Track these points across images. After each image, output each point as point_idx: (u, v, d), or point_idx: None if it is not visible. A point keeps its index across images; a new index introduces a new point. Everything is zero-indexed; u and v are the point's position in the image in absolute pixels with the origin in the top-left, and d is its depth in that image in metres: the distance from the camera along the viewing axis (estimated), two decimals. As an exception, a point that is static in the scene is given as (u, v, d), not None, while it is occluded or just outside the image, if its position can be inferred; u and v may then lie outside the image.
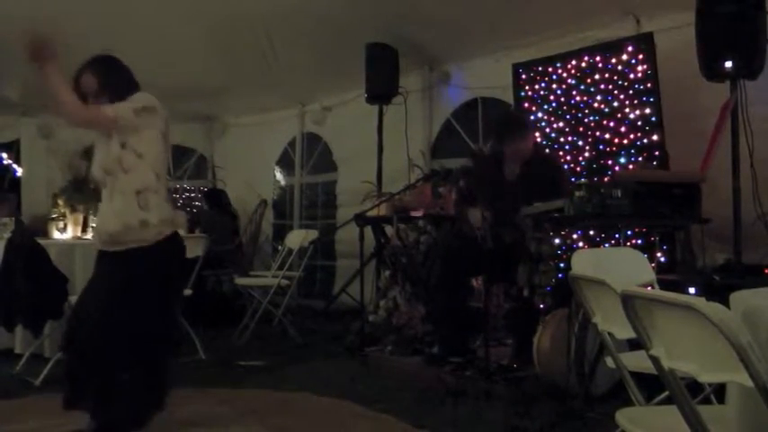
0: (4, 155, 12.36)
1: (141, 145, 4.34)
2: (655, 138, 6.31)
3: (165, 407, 4.50)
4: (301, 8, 8.11)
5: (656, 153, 6.29)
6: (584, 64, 6.89)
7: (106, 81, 4.46)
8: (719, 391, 2.92)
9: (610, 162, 6.62)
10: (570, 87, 7.00)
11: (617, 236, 6.28)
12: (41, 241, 6.54)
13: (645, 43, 6.44)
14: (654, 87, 6.35)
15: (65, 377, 4.42)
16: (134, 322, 4.25)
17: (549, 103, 7.17)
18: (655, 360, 2.11)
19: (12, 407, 5.44)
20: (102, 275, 4.43)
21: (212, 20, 8.48)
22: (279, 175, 12.29)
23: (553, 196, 5.57)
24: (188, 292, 6.88)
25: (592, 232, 6.63)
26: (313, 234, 8.62)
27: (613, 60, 6.64)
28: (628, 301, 2.08)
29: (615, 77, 6.62)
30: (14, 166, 12.23)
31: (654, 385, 2.74)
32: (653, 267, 3.89)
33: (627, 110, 6.52)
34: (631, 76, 6.51)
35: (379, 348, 7.10)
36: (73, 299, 6.13)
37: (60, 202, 7.64)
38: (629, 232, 6.15)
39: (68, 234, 7.42)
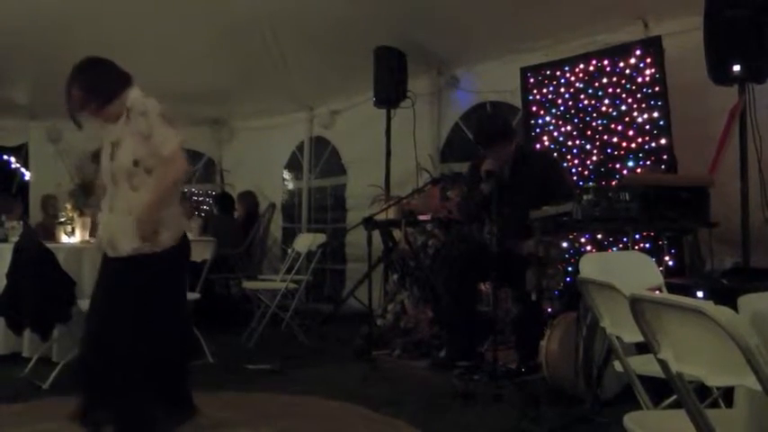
0: (13, 159, 12.40)
1: (151, 159, 4.21)
2: (663, 141, 6.31)
3: (195, 414, 4.53)
4: (310, 12, 8.13)
5: (664, 157, 6.29)
6: (592, 68, 6.90)
7: (89, 88, 4.37)
8: (728, 394, 2.91)
9: (618, 166, 6.62)
10: (578, 91, 7.01)
11: (625, 239, 6.27)
12: (49, 245, 6.54)
13: (653, 47, 6.44)
14: (662, 91, 6.35)
15: (80, 387, 4.40)
16: (149, 330, 4.24)
17: (557, 106, 7.18)
18: (663, 364, 2.10)
19: (20, 410, 5.45)
20: (111, 284, 4.37)
21: (221, 24, 8.50)
22: (287, 179, 12.31)
23: (547, 191, 5.59)
24: (196, 295, 6.89)
25: (600, 236, 6.63)
26: (321, 238, 8.64)
27: (621, 64, 6.64)
28: (636, 304, 2.08)
29: (623, 81, 6.63)
30: (23, 169, 12.27)
31: (662, 389, 2.74)
32: (661, 271, 3.88)
33: (635, 113, 6.52)
34: (639, 79, 6.51)
35: (387, 352, 7.11)
36: (81, 303, 6.15)
37: (68, 205, 7.64)
38: (637, 236, 6.14)
39: (76, 238, 7.42)
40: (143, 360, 4.23)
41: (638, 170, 6.41)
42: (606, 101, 6.76)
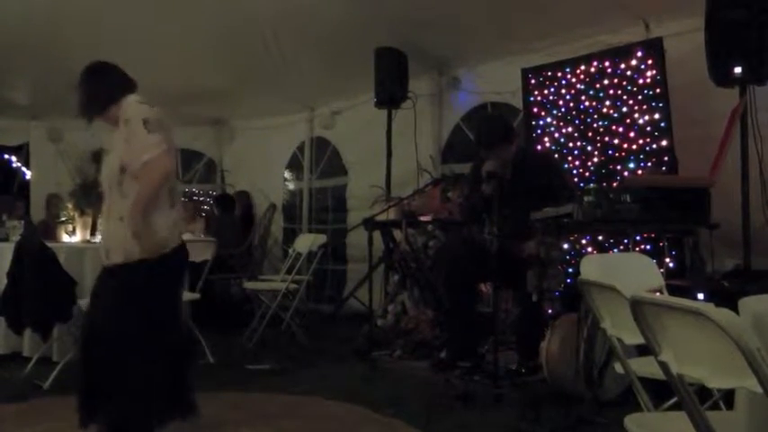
0: (14, 158, 12.42)
1: (137, 165, 4.18)
2: (664, 143, 6.31)
3: (196, 410, 4.51)
4: (311, 12, 8.12)
5: (665, 158, 6.28)
6: (593, 69, 6.89)
7: (86, 94, 4.46)
8: (728, 396, 2.91)
9: (619, 167, 6.61)
10: (579, 92, 7.00)
11: (626, 241, 6.27)
12: (50, 244, 6.55)
13: (654, 48, 6.44)
14: (663, 92, 6.34)
15: (80, 395, 4.39)
16: (145, 334, 4.23)
17: (559, 107, 7.17)
18: (663, 365, 2.10)
19: (21, 410, 5.45)
20: (107, 290, 4.39)
21: (221, 24, 8.50)
22: (288, 179, 12.31)
23: (548, 193, 5.59)
24: (196, 295, 6.89)
25: (601, 237, 6.63)
26: (321, 238, 8.64)
27: (623, 65, 6.63)
28: (637, 306, 2.08)
29: (624, 82, 6.62)
30: (24, 169, 12.29)
31: (663, 391, 2.74)
32: (662, 273, 3.88)
33: (636, 115, 6.51)
34: (640, 81, 6.50)
35: (387, 352, 7.11)
36: (82, 302, 6.16)
37: (69, 205, 7.65)
38: (637, 237, 6.14)
39: (77, 237, 7.43)
40: (143, 360, 4.24)
41: (639, 172, 6.41)
42: (607, 102, 6.75)
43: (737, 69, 5.51)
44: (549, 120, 7.26)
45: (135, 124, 4.20)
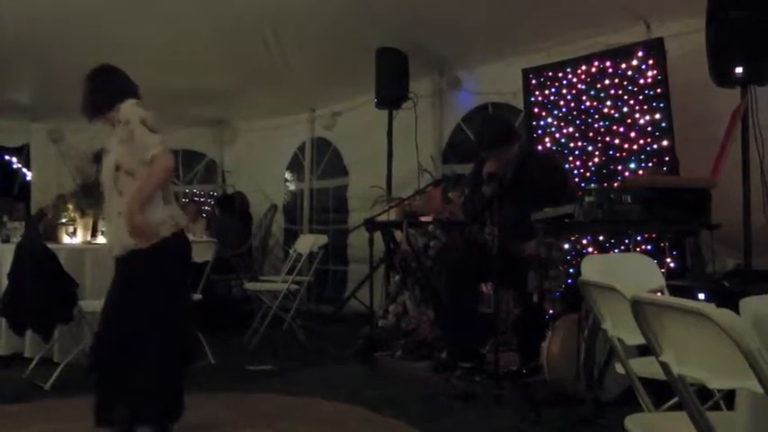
0: (15, 159, 12.42)
1: (134, 163, 4.31)
2: (665, 143, 6.30)
3: (183, 412, 4.50)
4: (312, 12, 8.12)
5: (666, 158, 6.28)
6: (594, 69, 6.88)
7: (86, 98, 4.57)
8: (729, 397, 2.91)
9: (620, 167, 6.61)
10: (580, 93, 6.99)
11: (627, 241, 6.27)
12: (51, 245, 6.55)
13: (655, 48, 6.43)
14: (664, 93, 6.33)
15: (96, 394, 4.39)
16: (148, 329, 4.25)
17: (559, 108, 7.16)
18: (664, 366, 2.10)
19: (22, 411, 5.45)
20: (115, 282, 4.45)
21: (223, 24, 8.49)
22: (289, 180, 12.30)
23: (550, 194, 5.58)
24: (197, 296, 6.89)
25: (601, 238, 6.62)
26: (322, 239, 8.63)
27: (623, 66, 6.63)
28: (638, 306, 2.08)
29: (625, 83, 6.61)
30: (24, 170, 12.29)
31: (663, 391, 2.74)
32: (662, 273, 3.88)
33: (637, 115, 6.51)
34: (641, 81, 6.50)
35: (388, 353, 7.11)
36: (82, 303, 6.17)
37: (70, 206, 7.64)
38: (638, 238, 6.14)
39: (78, 238, 7.42)
40: (148, 358, 4.25)
41: (640, 172, 6.40)
42: (608, 102, 6.75)
43: (738, 70, 5.50)
44: (549, 120, 7.26)
45: (135, 124, 4.27)
